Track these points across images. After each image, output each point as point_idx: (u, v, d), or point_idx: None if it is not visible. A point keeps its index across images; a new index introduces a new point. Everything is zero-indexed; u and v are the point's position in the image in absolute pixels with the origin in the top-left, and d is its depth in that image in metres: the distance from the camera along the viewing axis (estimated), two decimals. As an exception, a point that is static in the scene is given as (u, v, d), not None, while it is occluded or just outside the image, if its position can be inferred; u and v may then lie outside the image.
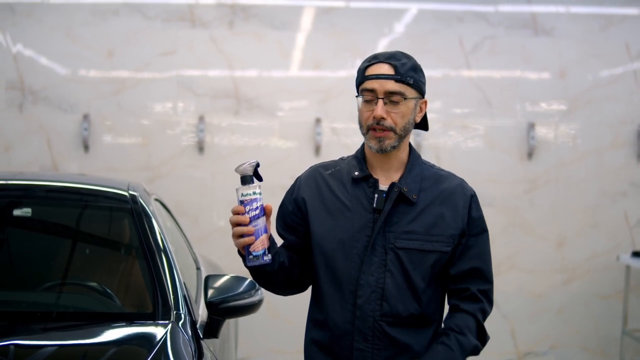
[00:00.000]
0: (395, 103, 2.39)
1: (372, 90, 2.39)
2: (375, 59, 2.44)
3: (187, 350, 2.65)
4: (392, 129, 2.39)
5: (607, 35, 5.91)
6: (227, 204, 5.61)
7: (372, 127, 2.40)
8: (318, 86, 5.82)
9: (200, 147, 5.72)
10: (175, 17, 5.73)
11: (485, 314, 2.49)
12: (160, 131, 5.73)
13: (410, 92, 2.41)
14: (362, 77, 2.43)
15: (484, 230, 2.50)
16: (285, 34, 5.80)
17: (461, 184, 2.50)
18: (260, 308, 3.13)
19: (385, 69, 2.40)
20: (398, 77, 2.38)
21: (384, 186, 2.45)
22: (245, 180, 2.32)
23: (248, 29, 5.77)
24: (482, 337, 2.48)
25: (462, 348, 2.41)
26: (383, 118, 2.37)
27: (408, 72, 2.40)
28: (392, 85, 2.38)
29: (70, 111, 5.68)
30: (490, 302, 2.52)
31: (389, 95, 2.38)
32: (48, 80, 5.67)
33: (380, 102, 2.38)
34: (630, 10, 5.94)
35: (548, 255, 5.94)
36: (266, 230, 2.33)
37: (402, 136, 2.42)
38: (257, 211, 2.30)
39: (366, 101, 2.41)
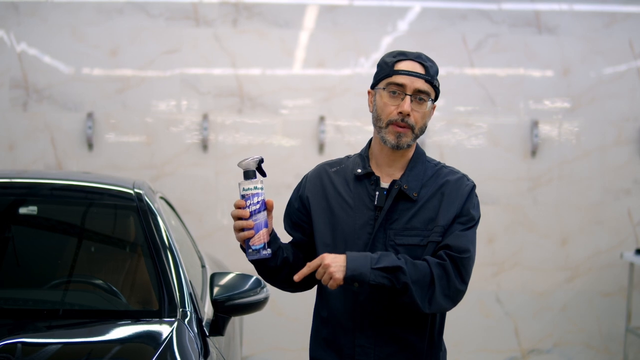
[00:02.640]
0: (420, 102, 2.42)
1: (401, 85, 2.41)
2: (403, 56, 2.46)
3: (193, 347, 2.65)
4: (412, 127, 2.41)
5: (611, 33, 5.90)
6: (231, 202, 5.58)
7: (394, 122, 2.41)
8: (321, 84, 5.82)
9: (204, 146, 5.72)
10: (179, 16, 5.73)
11: (444, 270, 2.34)
12: (164, 129, 5.73)
13: (432, 95, 2.45)
14: (390, 70, 2.44)
15: (471, 220, 2.45)
16: (289, 32, 5.80)
17: (462, 179, 2.50)
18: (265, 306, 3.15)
19: (417, 67, 2.43)
20: (428, 78, 2.42)
21: (385, 184, 2.47)
22: (248, 175, 2.36)
23: (251, 27, 5.78)
24: (427, 283, 2.32)
25: (385, 258, 2.31)
26: (408, 115, 2.39)
27: (434, 76, 2.45)
28: (421, 84, 2.41)
29: (74, 110, 5.69)
30: (462, 272, 2.37)
31: (417, 93, 2.41)
32: (52, 78, 5.68)
33: (408, 98, 2.40)
34: (634, 8, 5.94)
35: (551, 252, 5.93)
36: (267, 225, 2.36)
37: (418, 136, 2.45)
38: (258, 206, 2.34)
39: (391, 95, 2.42)
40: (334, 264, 2.28)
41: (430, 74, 2.42)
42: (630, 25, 5.92)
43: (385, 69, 2.45)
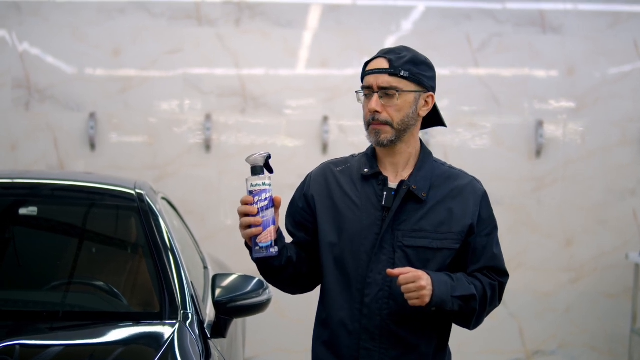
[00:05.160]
0: (390, 97, 2.39)
1: (369, 87, 2.41)
2: (376, 55, 2.46)
3: (195, 350, 2.63)
4: (388, 123, 2.38)
5: (615, 33, 5.88)
6: (234, 202, 5.54)
7: (371, 122, 2.40)
8: (325, 84, 5.80)
9: (207, 146, 5.70)
10: (181, 15, 5.72)
11: (494, 291, 2.47)
12: (167, 130, 5.72)
13: (405, 85, 2.39)
14: (363, 73, 2.46)
15: (494, 228, 2.51)
16: (292, 32, 5.78)
17: (472, 183, 2.48)
18: (268, 307, 3.12)
19: (381, 63, 2.41)
20: (391, 71, 2.38)
21: (393, 184, 2.43)
22: (256, 170, 2.31)
23: (254, 26, 5.76)
24: (482, 304, 2.44)
25: (460, 285, 2.37)
26: (377, 112, 2.38)
27: (403, 66, 2.39)
28: (384, 79, 2.38)
29: (76, 110, 5.67)
30: (501, 294, 2.53)
31: (382, 89, 2.38)
32: (54, 78, 5.66)
33: (375, 96, 2.39)
34: (638, 8, 5.91)
35: (555, 253, 5.91)
36: (274, 222, 2.32)
37: (401, 130, 2.40)
38: (266, 202, 2.29)
39: (366, 97, 2.43)
40: (428, 287, 2.29)
41: (394, 66, 2.38)
42: (634, 25, 5.90)
43: (362, 73, 2.47)
